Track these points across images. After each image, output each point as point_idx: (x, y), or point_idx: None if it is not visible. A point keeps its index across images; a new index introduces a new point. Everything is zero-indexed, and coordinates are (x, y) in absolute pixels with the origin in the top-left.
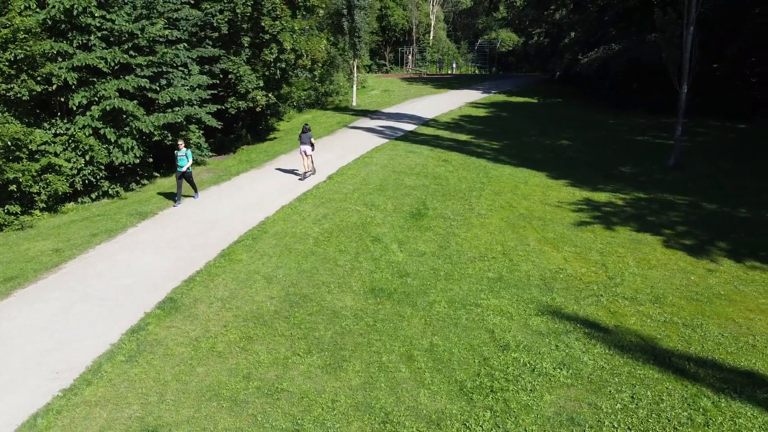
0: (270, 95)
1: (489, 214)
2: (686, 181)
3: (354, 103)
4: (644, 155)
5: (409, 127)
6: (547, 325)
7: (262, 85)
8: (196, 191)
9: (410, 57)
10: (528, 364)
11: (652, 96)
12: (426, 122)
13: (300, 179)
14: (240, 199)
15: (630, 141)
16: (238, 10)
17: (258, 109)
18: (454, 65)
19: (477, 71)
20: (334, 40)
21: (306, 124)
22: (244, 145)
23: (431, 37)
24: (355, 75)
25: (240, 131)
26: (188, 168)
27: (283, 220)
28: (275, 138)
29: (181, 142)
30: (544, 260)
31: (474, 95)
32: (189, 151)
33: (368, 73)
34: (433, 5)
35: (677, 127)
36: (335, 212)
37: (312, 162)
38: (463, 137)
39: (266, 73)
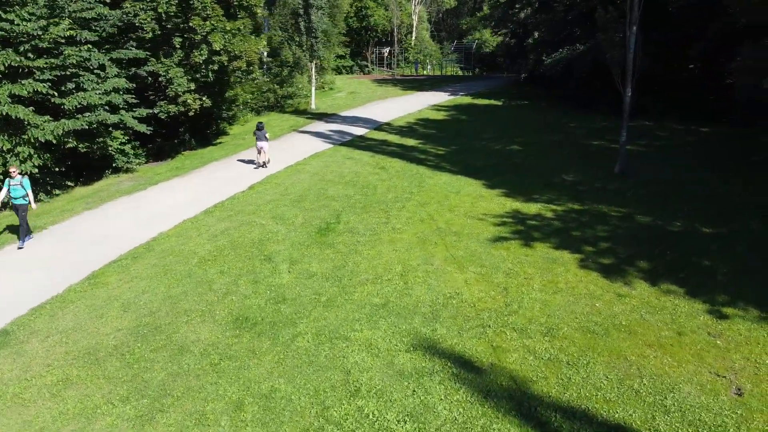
0: (205, 98)
1: (404, 228)
2: (627, 190)
3: (313, 106)
4: (593, 161)
5: (360, 131)
6: (413, 364)
7: (193, 88)
8: (25, 234)
9: (386, 57)
10: (370, 416)
11: (615, 97)
12: (379, 126)
13: (255, 168)
14: (146, 211)
15: (584, 145)
16: (160, 9)
17: (191, 114)
18: (429, 66)
19: (458, 72)
20: (299, 41)
21: (260, 122)
22: (187, 150)
23: (413, 38)
24: (314, 77)
25: (182, 136)
26: (24, 200)
27: (177, 235)
28: (221, 143)
29: (13, 169)
30: (443, 283)
31: (440, 97)
32: (25, 179)
33: (348, 74)
34: (415, 5)
35: (622, 132)
36: (238, 227)
37: (264, 154)
38: (410, 142)
39: (197, 76)
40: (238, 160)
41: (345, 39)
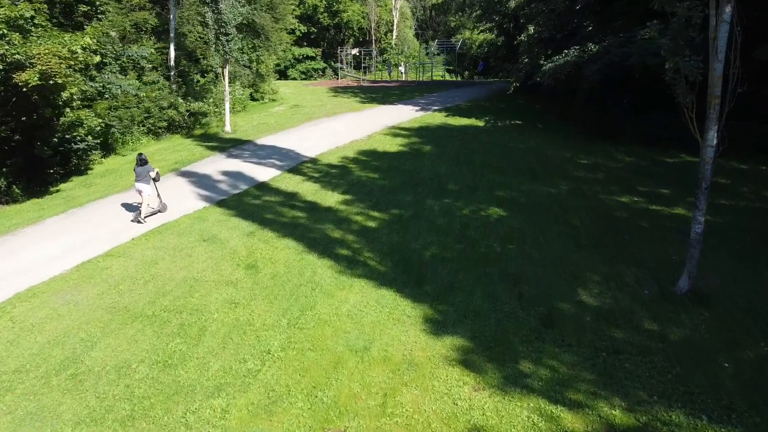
0: None
1: None
2: (713, 346)
3: (228, 128)
4: (628, 248)
5: (267, 174)
6: None
7: None
8: None
9: (353, 58)
10: None
11: (642, 120)
12: (299, 164)
13: (132, 221)
14: None
15: (606, 207)
16: None
17: None
18: (401, 69)
19: (444, 75)
20: (206, 38)
21: (140, 154)
22: (5, 203)
23: (394, 37)
24: (227, 90)
25: None
26: None
27: None
28: (60, 191)
29: None
30: None
31: (405, 114)
32: None
33: (321, 77)
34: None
35: (697, 217)
36: None
37: (159, 197)
38: (330, 200)
39: None
40: (37, 236)
41: (290, 38)
